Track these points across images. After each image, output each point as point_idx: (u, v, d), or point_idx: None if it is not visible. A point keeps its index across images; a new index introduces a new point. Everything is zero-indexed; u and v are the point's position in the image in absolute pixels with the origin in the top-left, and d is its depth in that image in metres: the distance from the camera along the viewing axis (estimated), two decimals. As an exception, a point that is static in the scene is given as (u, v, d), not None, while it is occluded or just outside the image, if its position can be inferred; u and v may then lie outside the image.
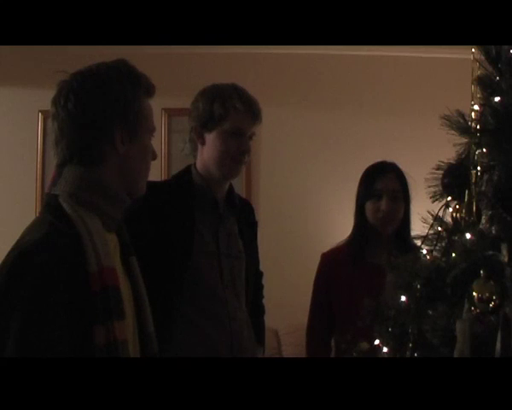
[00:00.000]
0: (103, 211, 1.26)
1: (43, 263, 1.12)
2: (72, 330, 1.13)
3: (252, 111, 1.91)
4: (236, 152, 1.89)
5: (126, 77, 1.28)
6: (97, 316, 1.15)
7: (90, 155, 1.25)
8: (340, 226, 2.37)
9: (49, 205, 1.25)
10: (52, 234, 1.17)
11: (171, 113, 4.12)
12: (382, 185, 2.20)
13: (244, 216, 2.06)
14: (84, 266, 1.16)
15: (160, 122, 4.14)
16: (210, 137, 1.91)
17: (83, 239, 1.18)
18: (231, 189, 2.02)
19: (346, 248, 2.28)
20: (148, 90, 1.34)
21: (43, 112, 4.06)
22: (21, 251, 1.15)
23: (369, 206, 2.22)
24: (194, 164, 1.98)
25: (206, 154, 1.92)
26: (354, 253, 2.24)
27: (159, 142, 4.18)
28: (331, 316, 2.25)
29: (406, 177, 2.24)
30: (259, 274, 2.20)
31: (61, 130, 1.25)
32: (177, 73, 4.11)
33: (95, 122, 1.24)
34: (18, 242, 1.19)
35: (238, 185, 3.81)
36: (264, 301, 2.24)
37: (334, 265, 2.28)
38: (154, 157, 1.39)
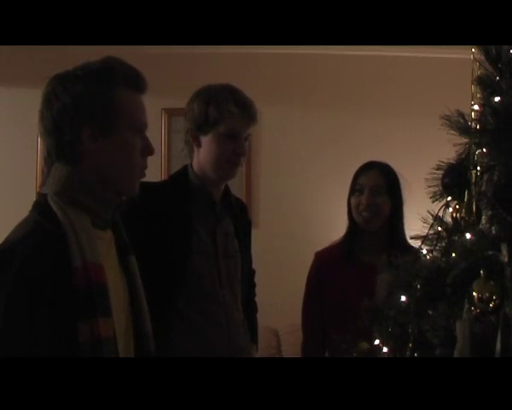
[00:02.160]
0: (90, 209, 1.26)
1: (23, 261, 1.14)
2: (55, 325, 1.14)
3: (247, 113, 1.90)
4: (232, 155, 1.89)
5: (96, 73, 1.27)
6: (81, 312, 1.16)
7: (66, 155, 1.26)
8: (341, 226, 2.36)
9: (38, 204, 1.27)
10: (35, 232, 1.19)
11: (171, 113, 4.11)
12: (364, 180, 2.23)
13: (239, 216, 2.06)
14: (68, 262, 1.17)
15: (160, 122, 4.14)
16: (205, 140, 1.91)
17: (67, 236, 1.19)
18: (227, 189, 2.02)
19: (338, 247, 2.29)
20: (130, 83, 1.30)
21: (43, 112, 4.05)
22: (2, 249, 1.17)
23: (352, 201, 2.25)
24: (191, 164, 1.98)
25: (202, 156, 1.93)
26: (344, 251, 2.25)
27: (159, 142, 4.17)
28: (324, 314, 2.26)
29: (398, 176, 2.25)
30: (252, 272, 2.20)
31: (40, 132, 1.29)
32: (177, 73, 4.10)
33: (60, 122, 1.25)
34: (4, 240, 1.21)
35: (238, 185, 3.83)
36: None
37: (327, 263, 2.29)
38: (149, 152, 1.34)
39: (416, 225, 1.51)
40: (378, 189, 2.21)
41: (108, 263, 1.28)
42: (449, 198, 1.43)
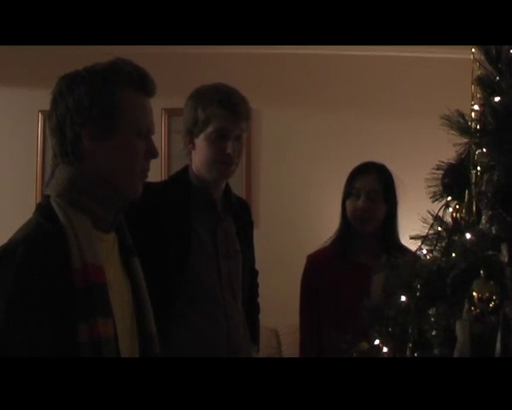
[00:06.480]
0: (91, 210, 1.26)
1: (24, 261, 1.15)
2: (55, 325, 1.14)
3: (234, 112, 1.88)
4: (223, 154, 1.88)
5: (101, 74, 1.27)
6: (81, 312, 1.16)
7: (69, 155, 1.26)
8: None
9: (41, 205, 1.28)
10: (36, 233, 1.20)
11: (171, 113, 4.11)
12: (361, 184, 2.21)
13: (241, 215, 2.06)
14: (68, 263, 1.18)
15: (160, 122, 4.13)
16: (198, 142, 1.92)
17: (68, 237, 1.19)
18: (228, 188, 2.02)
19: (330, 249, 2.29)
20: (136, 85, 1.29)
21: (43, 112, 4.05)
22: (3, 249, 1.18)
23: (348, 204, 2.23)
24: (191, 165, 1.99)
25: (197, 158, 1.93)
26: (338, 252, 2.25)
27: (159, 142, 4.17)
28: (320, 316, 2.25)
29: (394, 178, 2.24)
30: (255, 273, 2.20)
31: (47, 132, 1.31)
32: (177, 73, 4.10)
33: (63, 122, 1.25)
34: (7, 240, 1.22)
35: (238, 185, 3.83)
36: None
37: (320, 265, 2.28)
38: (153, 155, 1.35)
39: (416, 225, 1.51)
40: (375, 194, 2.19)
41: (111, 265, 1.29)
42: (449, 198, 1.43)
